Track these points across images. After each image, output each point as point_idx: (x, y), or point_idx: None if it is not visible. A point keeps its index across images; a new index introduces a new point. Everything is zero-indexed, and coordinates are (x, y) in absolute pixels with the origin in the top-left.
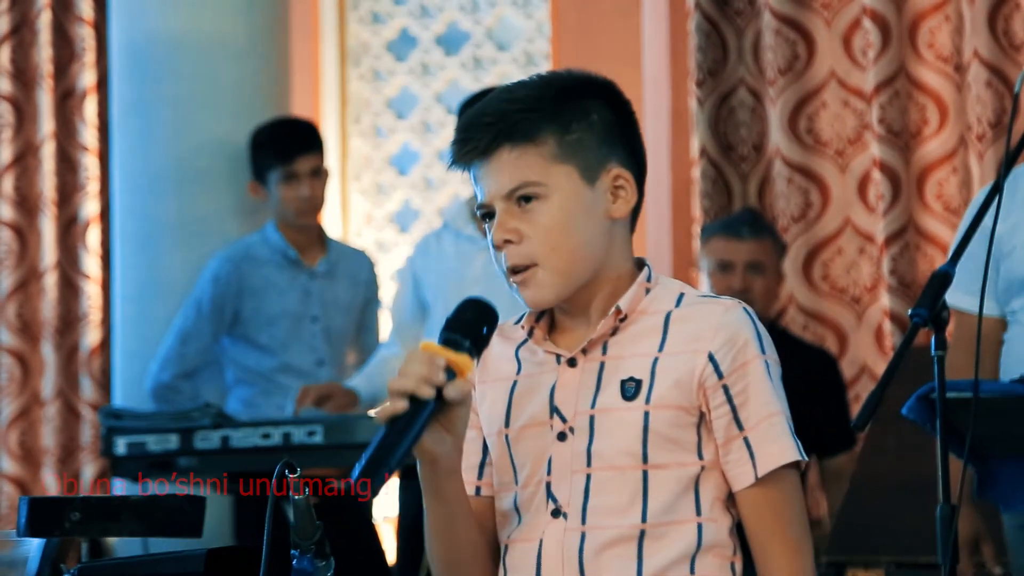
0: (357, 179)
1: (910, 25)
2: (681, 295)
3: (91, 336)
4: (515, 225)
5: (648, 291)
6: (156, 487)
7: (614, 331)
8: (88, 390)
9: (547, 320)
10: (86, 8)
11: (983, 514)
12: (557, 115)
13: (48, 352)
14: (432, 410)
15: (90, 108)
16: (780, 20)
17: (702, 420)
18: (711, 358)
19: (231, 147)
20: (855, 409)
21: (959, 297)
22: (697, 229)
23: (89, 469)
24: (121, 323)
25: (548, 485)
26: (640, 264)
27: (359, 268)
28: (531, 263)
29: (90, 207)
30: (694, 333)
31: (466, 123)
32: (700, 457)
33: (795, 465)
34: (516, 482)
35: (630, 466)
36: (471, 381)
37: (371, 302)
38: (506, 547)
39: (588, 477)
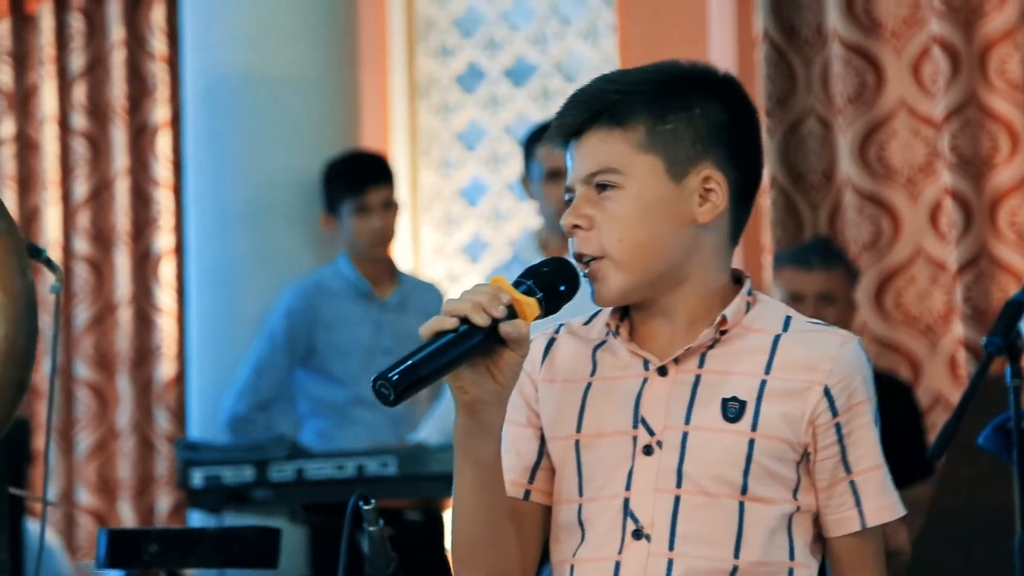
0: (427, 211)
1: (980, 53)
2: (788, 317)
3: (166, 369)
4: (588, 211)
5: (748, 306)
6: (232, 519)
7: (712, 344)
8: (164, 422)
9: (629, 321)
10: (159, 45)
11: None
12: (655, 102)
13: (124, 385)
14: (482, 341)
15: (164, 143)
16: (849, 49)
17: (803, 459)
18: (827, 393)
19: (303, 180)
20: (931, 439)
21: None
22: (768, 259)
23: (165, 501)
24: (196, 356)
25: (627, 501)
26: (738, 278)
27: (430, 300)
28: (599, 254)
29: (164, 241)
30: (807, 363)
31: (566, 101)
32: (795, 498)
33: None
34: (580, 493)
35: (726, 494)
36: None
37: None
38: (571, 567)
39: (677, 499)
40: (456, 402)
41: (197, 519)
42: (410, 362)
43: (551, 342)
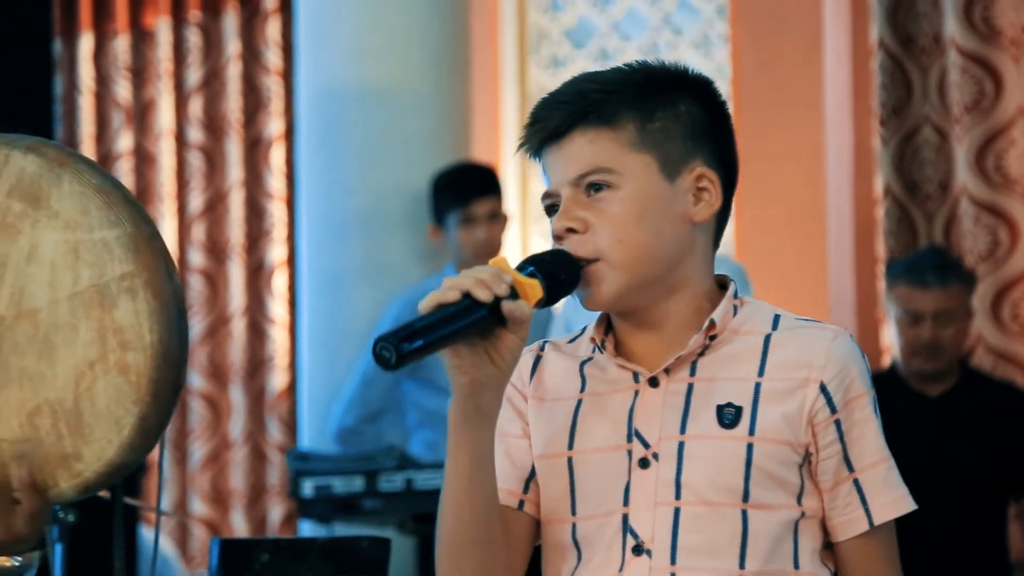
0: (538, 222)
1: None
2: (777, 316)
3: (278, 380)
4: (581, 214)
5: (736, 309)
6: (342, 529)
7: (702, 351)
8: (275, 433)
9: (613, 336)
10: (274, 59)
11: None
12: (640, 100)
13: (237, 396)
14: (483, 318)
15: (277, 156)
16: (966, 57)
17: (805, 461)
18: (823, 389)
19: (414, 192)
20: None
21: None
22: (881, 269)
23: (276, 511)
24: (308, 367)
25: (625, 517)
26: (723, 283)
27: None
28: (595, 257)
29: (277, 253)
30: (800, 360)
31: (540, 104)
32: (799, 503)
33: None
34: (574, 512)
35: (727, 503)
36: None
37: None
38: None
39: (677, 511)
40: (454, 385)
41: (308, 529)
42: (413, 328)
43: (538, 359)
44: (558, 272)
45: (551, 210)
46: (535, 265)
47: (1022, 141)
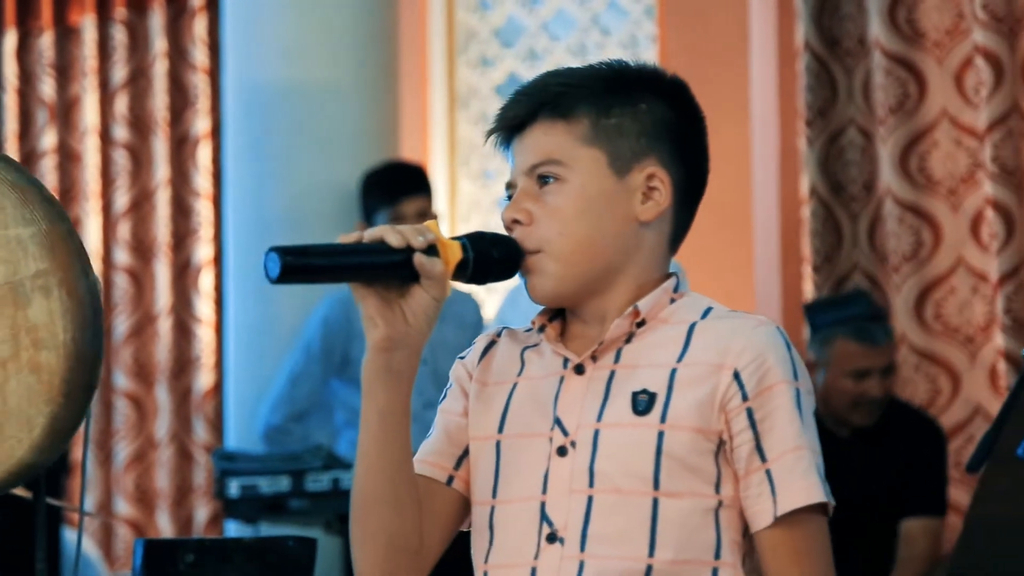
0: (465, 221)
1: (1023, 63)
2: (709, 308)
3: (204, 379)
4: (528, 205)
5: (673, 301)
6: (268, 529)
7: (629, 338)
8: (201, 432)
9: (560, 323)
10: (201, 56)
11: None
12: (600, 96)
13: (162, 395)
14: (394, 264)
15: (204, 154)
16: (891, 59)
17: (721, 449)
18: (736, 376)
19: (342, 191)
20: (968, 451)
21: None
22: (807, 270)
23: (202, 511)
24: (234, 366)
25: (543, 505)
26: (669, 277)
27: (466, 310)
28: (537, 248)
29: (203, 251)
30: (719, 347)
31: (508, 98)
32: (717, 492)
33: (822, 509)
34: (495, 495)
35: (638, 491)
36: (446, 281)
37: None
38: (484, 573)
39: (590, 499)
40: (368, 339)
41: (234, 529)
42: (309, 248)
43: (491, 344)
44: (490, 250)
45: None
46: (470, 237)
47: (945, 143)
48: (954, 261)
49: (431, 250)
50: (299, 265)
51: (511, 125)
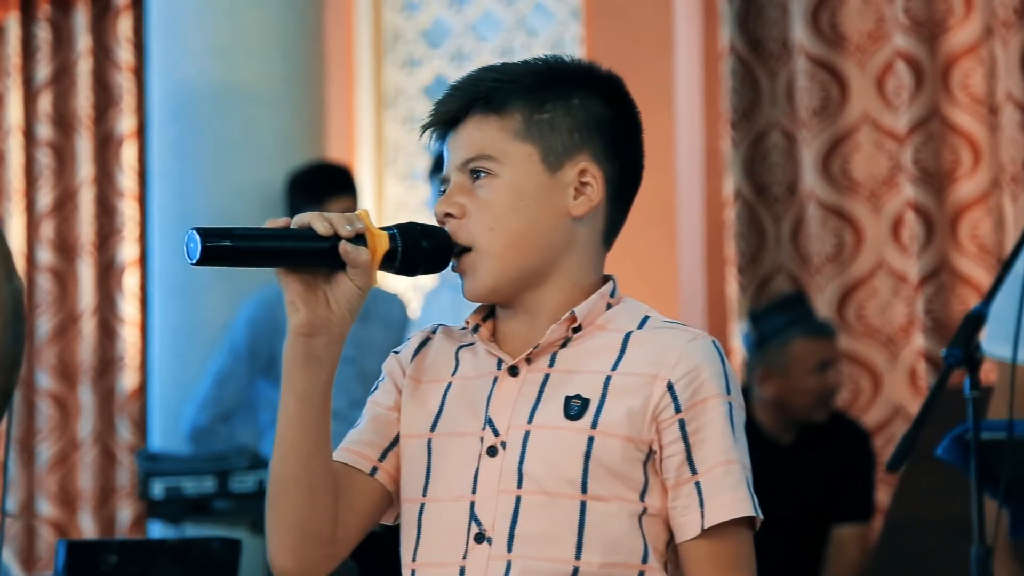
0: (392, 221)
1: (943, 67)
2: (646, 317)
3: (128, 379)
4: (461, 200)
5: (610, 307)
6: (193, 530)
7: (565, 343)
8: (125, 433)
9: (492, 323)
10: (126, 55)
11: (1018, 556)
12: (534, 91)
13: (86, 396)
14: (321, 251)
15: (129, 153)
16: (813, 62)
17: (650, 458)
18: (670, 388)
19: (268, 191)
20: (889, 451)
21: (998, 346)
22: (732, 271)
23: (126, 512)
24: (158, 366)
25: (472, 505)
26: (606, 280)
27: (393, 310)
28: (470, 243)
29: (128, 251)
30: (654, 358)
31: (446, 90)
32: (642, 500)
33: (749, 523)
34: (425, 493)
35: (566, 494)
36: (372, 270)
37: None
38: (412, 572)
39: (518, 500)
40: (289, 323)
41: (158, 530)
42: (232, 231)
43: (426, 340)
44: (420, 240)
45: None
46: (400, 227)
47: (867, 146)
48: (875, 263)
49: (359, 239)
50: (221, 248)
51: (445, 120)
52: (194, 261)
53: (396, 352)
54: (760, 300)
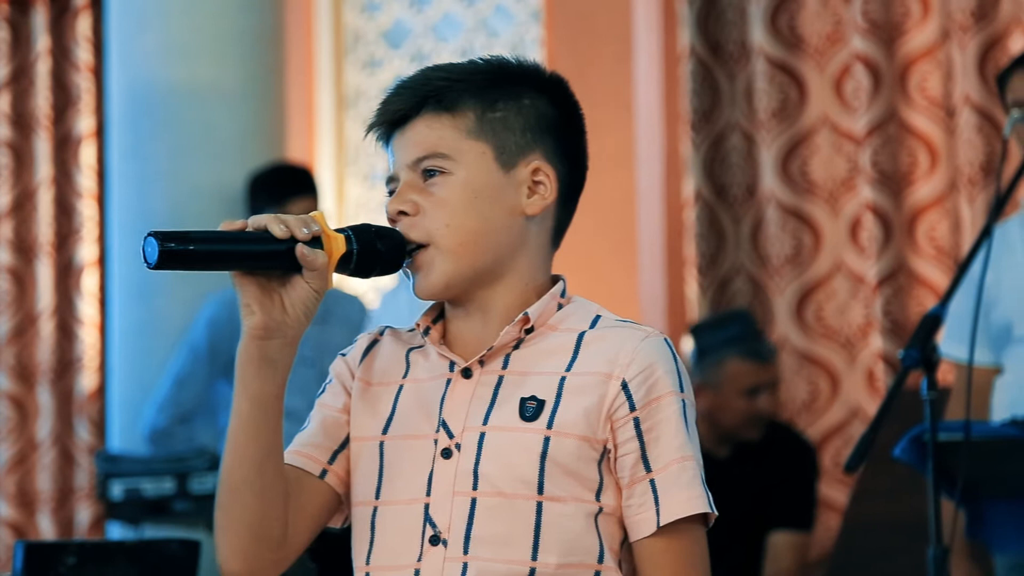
0: (353, 222)
1: (901, 70)
2: (598, 316)
3: (87, 380)
4: (414, 197)
5: (561, 307)
6: (152, 531)
7: (518, 344)
8: (84, 434)
9: (443, 324)
10: (85, 55)
11: (975, 556)
12: (484, 90)
13: (44, 397)
14: (277, 253)
15: (88, 153)
16: (772, 65)
17: (604, 457)
18: (624, 387)
19: (227, 192)
20: (847, 452)
21: (955, 347)
22: (692, 272)
23: (85, 514)
24: (118, 367)
25: (427, 507)
26: (556, 280)
27: (353, 312)
28: (425, 240)
29: (87, 252)
30: (608, 357)
31: (391, 89)
32: (598, 499)
33: (703, 520)
34: (378, 496)
35: (522, 495)
36: (327, 272)
37: None
38: (366, 574)
39: (473, 501)
40: (244, 325)
41: (117, 531)
42: (189, 234)
43: (374, 342)
44: (375, 241)
45: (393, 194)
46: (355, 229)
47: (825, 147)
48: (834, 264)
49: (315, 242)
50: (178, 251)
51: (394, 119)
52: (152, 265)
53: (343, 355)
54: (720, 301)
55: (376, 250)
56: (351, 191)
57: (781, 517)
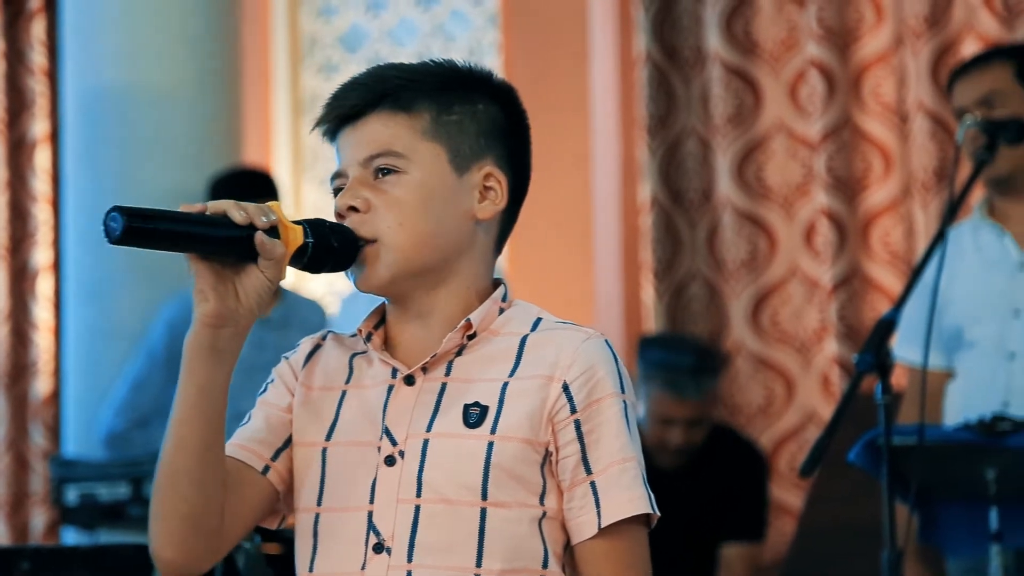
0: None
1: (855, 76)
2: (539, 319)
3: (42, 385)
4: (366, 194)
5: (502, 311)
6: (107, 536)
7: (460, 351)
8: (39, 439)
9: (384, 329)
10: (39, 58)
11: (928, 559)
12: (440, 92)
13: None
14: (235, 239)
15: (42, 157)
16: (728, 70)
17: (547, 460)
18: (565, 389)
19: (184, 196)
20: (802, 456)
21: (909, 350)
22: (648, 277)
23: (40, 519)
24: (73, 372)
25: (370, 515)
26: (497, 284)
27: (312, 317)
28: (373, 237)
29: (41, 256)
30: (549, 360)
31: (340, 87)
32: (542, 503)
33: (645, 521)
34: (319, 502)
35: (466, 501)
36: (283, 260)
37: None
38: None
39: (417, 509)
40: (196, 312)
41: (72, 537)
42: (154, 212)
43: (317, 347)
44: (329, 237)
45: (339, 192)
46: (309, 222)
47: (780, 153)
48: (789, 269)
49: (272, 231)
50: (142, 229)
51: (347, 114)
52: (112, 239)
53: (286, 357)
54: (676, 306)
55: (330, 245)
56: (308, 195)
57: (733, 530)
